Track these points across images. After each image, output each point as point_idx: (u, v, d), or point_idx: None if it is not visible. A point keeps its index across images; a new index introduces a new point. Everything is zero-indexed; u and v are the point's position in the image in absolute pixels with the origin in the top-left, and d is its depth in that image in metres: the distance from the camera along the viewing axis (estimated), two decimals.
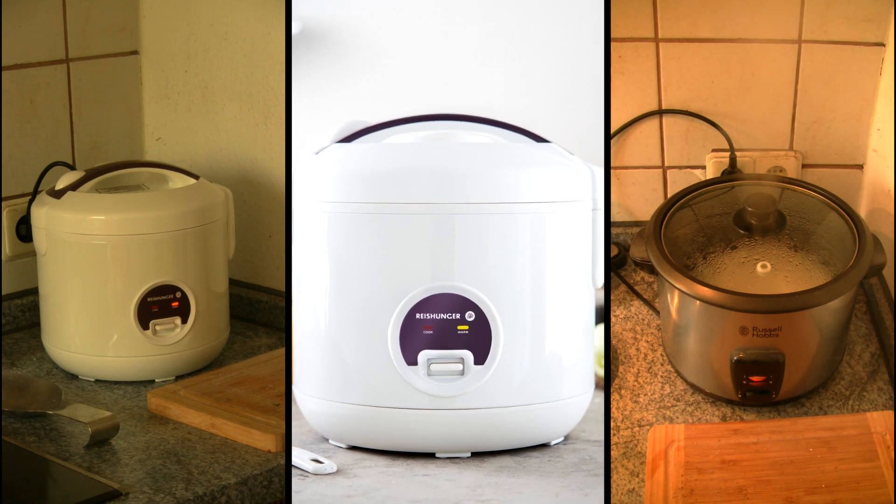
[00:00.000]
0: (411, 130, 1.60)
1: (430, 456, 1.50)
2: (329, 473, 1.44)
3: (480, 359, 1.47)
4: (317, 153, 1.55)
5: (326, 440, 1.56)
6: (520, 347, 1.48)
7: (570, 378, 1.52)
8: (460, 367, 1.47)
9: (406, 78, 2.08)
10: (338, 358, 1.50)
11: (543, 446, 1.54)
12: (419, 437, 1.49)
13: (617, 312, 1.91)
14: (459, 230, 1.46)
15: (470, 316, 1.47)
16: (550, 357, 1.50)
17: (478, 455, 1.51)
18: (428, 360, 1.47)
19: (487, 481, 1.42)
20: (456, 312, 1.47)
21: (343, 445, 1.54)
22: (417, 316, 1.47)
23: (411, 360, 1.47)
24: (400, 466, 1.47)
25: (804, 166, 1.95)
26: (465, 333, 1.47)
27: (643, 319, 1.90)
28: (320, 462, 1.45)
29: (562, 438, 1.56)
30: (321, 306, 1.51)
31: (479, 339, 1.47)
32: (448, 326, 1.47)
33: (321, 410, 1.52)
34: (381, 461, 1.48)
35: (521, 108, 2.04)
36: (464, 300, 1.47)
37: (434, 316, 1.47)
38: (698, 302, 1.63)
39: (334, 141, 1.58)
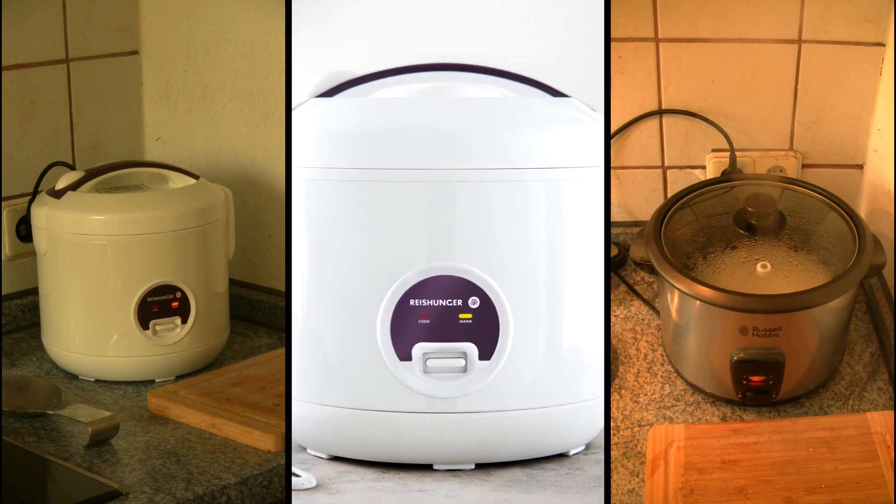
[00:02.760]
0: (404, 83, 1.42)
1: (426, 468, 1.38)
2: (307, 489, 1.32)
3: (486, 353, 1.33)
4: (293, 109, 1.40)
5: (304, 449, 1.45)
6: (533, 340, 1.34)
7: (593, 376, 1.39)
8: (462, 362, 1.34)
9: (398, 20, 1.74)
10: (318, 353, 1.36)
11: (561, 457, 1.42)
12: (414, 446, 1.36)
13: (617, 312, 1.91)
14: (461, 201, 1.30)
15: (474, 302, 1.33)
16: (569, 351, 1.36)
17: (483, 467, 1.38)
18: (424, 354, 1.33)
19: (494, 498, 1.29)
20: (457, 298, 1.32)
21: (324, 456, 1.42)
22: (412, 302, 1.32)
23: (404, 355, 1.33)
24: (391, 480, 1.35)
25: (804, 166, 1.95)
26: (468, 323, 1.33)
27: (643, 319, 1.90)
28: (297, 475, 1.34)
29: (582, 447, 1.44)
30: (298, 292, 1.36)
31: (484, 330, 1.33)
32: (448, 315, 1.32)
33: (298, 414, 1.39)
34: (368, 474, 1.37)
35: (534, 56, 1.69)
36: (466, 283, 1.32)
37: (431, 302, 1.32)
38: (698, 302, 1.63)
39: (313, 95, 1.41)
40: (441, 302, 1.33)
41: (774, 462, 1.49)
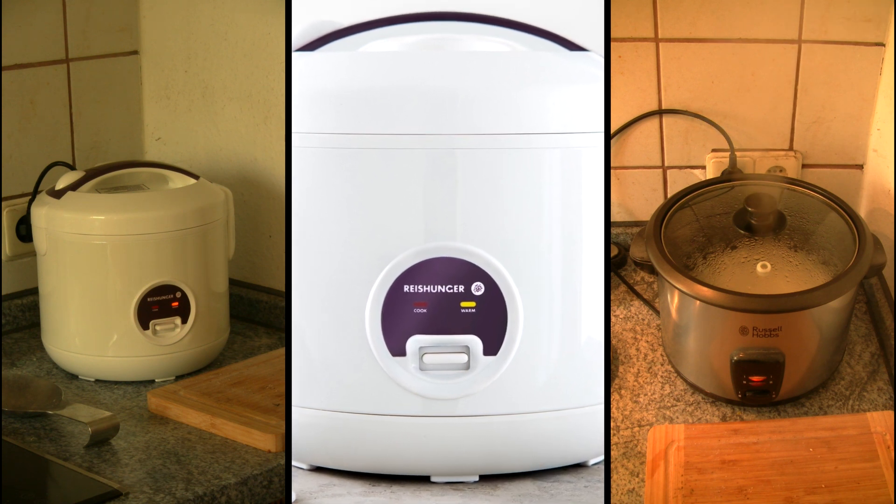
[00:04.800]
0: (398, 34, 1.27)
1: (423, 480, 1.25)
2: None
3: (492, 347, 1.20)
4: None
5: None
6: (546, 332, 1.21)
7: None
8: (464, 358, 1.20)
9: None
10: (299, 349, 1.24)
11: (578, 467, 1.31)
12: (408, 455, 1.23)
13: (617, 312, 1.91)
14: (463, 171, 1.15)
15: (478, 289, 1.19)
16: (588, 345, 1.23)
17: (488, 479, 1.25)
18: (420, 349, 1.20)
19: None
20: (458, 284, 1.18)
21: (304, 466, 1.31)
22: (406, 289, 1.18)
23: (398, 350, 1.20)
24: (382, 494, 1.22)
25: (804, 166, 1.95)
26: (472, 312, 1.19)
27: (643, 319, 1.90)
28: None
29: (602, 457, 1.34)
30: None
31: (489, 321, 1.19)
32: (448, 303, 1.19)
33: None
34: (356, 487, 1.24)
35: (547, 3, 1.43)
36: (469, 267, 1.18)
37: (429, 289, 1.19)
38: (698, 302, 1.63)
39: (294, 49, 1.28)
40: (440, 288, 1.20)
41: (774, 462, 1.49)
